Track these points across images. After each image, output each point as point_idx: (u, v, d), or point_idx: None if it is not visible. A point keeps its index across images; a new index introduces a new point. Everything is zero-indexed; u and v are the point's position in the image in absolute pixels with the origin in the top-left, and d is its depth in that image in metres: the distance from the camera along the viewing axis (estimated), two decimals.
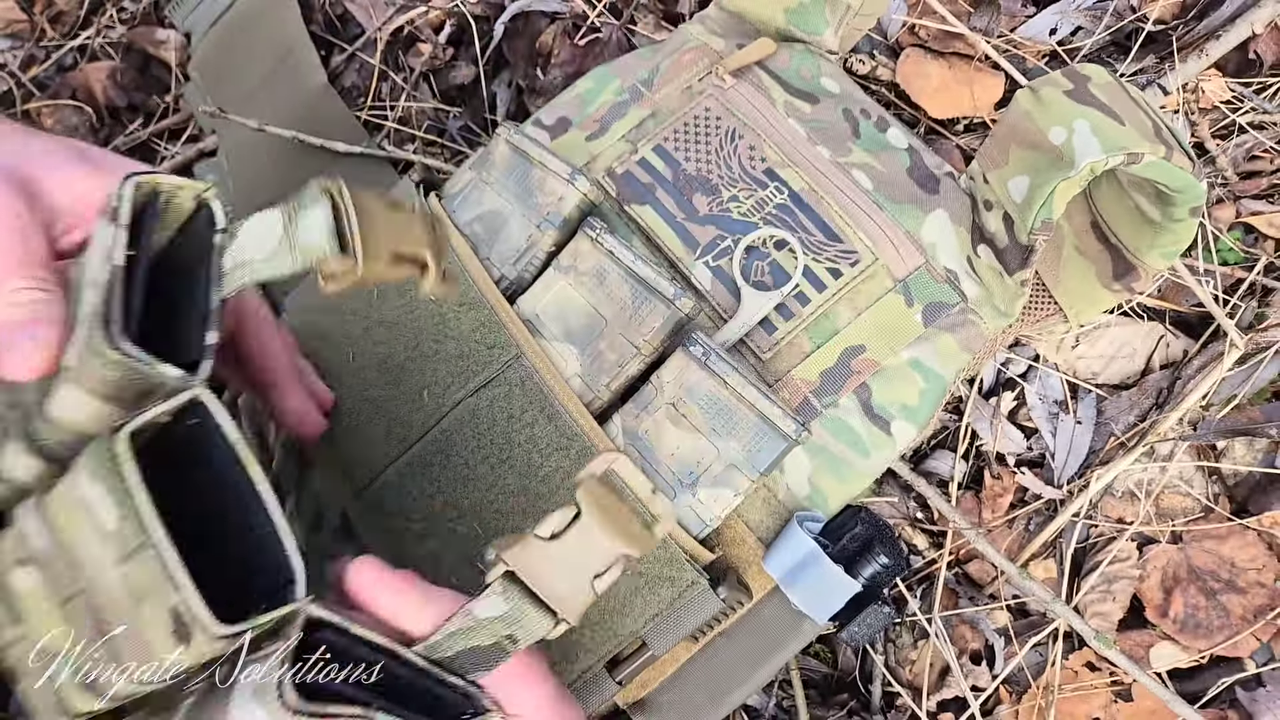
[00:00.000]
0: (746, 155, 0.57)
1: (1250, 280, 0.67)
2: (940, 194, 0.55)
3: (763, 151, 0.56)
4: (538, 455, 0.51)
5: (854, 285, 0.53)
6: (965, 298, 0.54)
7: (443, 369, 0.54)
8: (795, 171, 0.56)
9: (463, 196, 0.57)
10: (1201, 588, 0.64)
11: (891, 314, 0.53)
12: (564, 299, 0.53)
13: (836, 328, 0.53)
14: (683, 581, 0.48)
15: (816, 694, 0.67)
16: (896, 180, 0.55)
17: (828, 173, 0.56)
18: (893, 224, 0.54)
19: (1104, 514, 0.66)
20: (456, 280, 0.54)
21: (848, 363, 0.53)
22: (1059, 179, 0.47)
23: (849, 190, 0.55)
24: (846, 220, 0.54)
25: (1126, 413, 0.67)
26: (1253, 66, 0.71)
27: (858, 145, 0.56)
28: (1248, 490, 0.65)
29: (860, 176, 0.55)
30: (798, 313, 0.53)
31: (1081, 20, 0.73)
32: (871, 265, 0.53)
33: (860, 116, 0.58)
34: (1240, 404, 0.65)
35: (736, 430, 0.48)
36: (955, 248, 0.54)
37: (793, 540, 0.50)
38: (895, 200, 0.55)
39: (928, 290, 0.53)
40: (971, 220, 0.54)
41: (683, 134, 0.58)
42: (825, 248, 0.54)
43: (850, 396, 0.53)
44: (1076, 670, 0.64)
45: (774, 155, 0.56)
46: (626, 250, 0.51)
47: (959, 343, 0.54)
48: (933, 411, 0.54)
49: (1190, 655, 0.63)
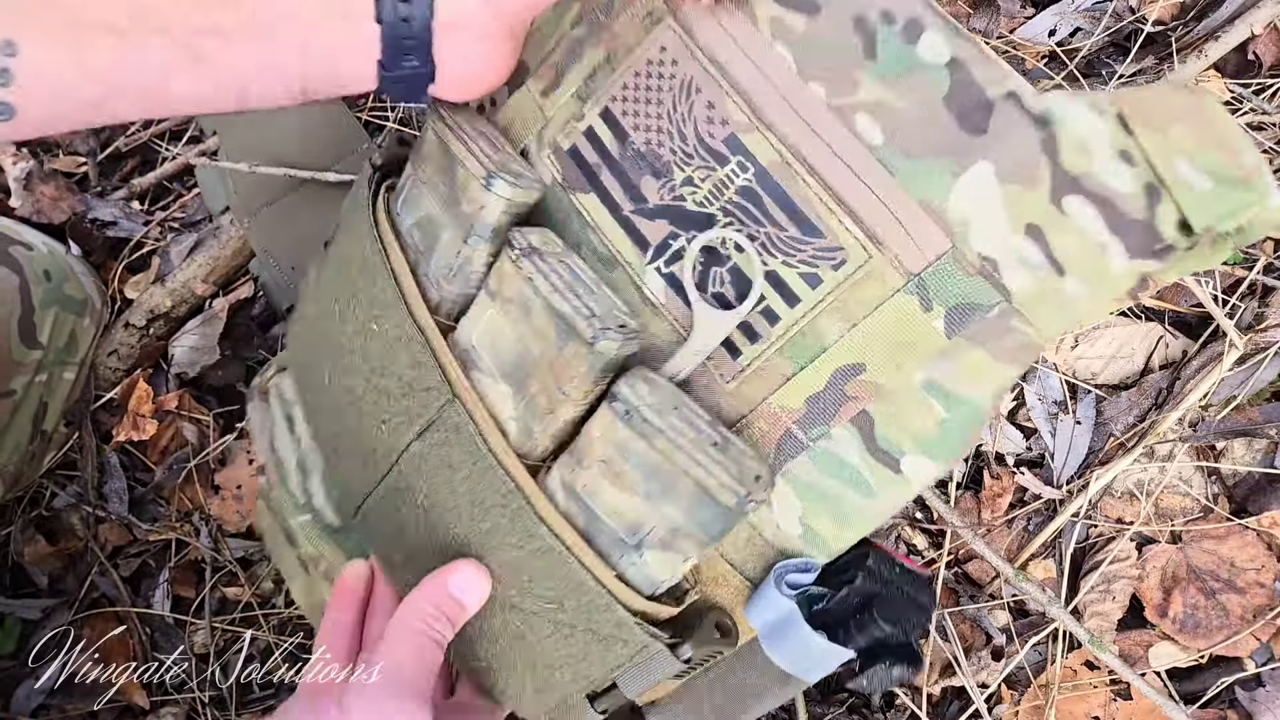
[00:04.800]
0: (704, 118, 0.44)
1: (1249, 280, 0.67)
2: (990, 133, 0.39)
3: (724, 110, 0.43)
4: (478, 509, 0.45)
5: (839, 293, 0.41)
6: (1008, 294, 0.39)
7: (393, 405, 0.48)
8: (766, 136, 0.42)
9: (404, 197, 0.49)
10: (1201, 587, 0.64)
11: (901, 323, 0.41)
12: (494, 329, 0.45)
13: (823, 345, 0.42)
14: (635, 644, 0.43)
15: (816, 691, 0.68)
16: (923, 120, 0.40)
17: (819, 127, 0.41)
18: (904, 196, 0.40)
19: (1103, 514, 0.66)
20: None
21: (840, 387, 0.42)
22: (1254, 206, 0.35)
23: (847, 151, 0.41)
24: (832, 202, 0.41)
25: (1126, 413, 0.67)
26: (1252, 67, 0.71)
27: (871, 73, 0.40)
28: (1247, 490, 0.65)
29: (865, 125, 0.41)
30: (765, 334, 0.43)
31: (1081, 21, 0.73)
32: (864, 265, 0.41)
33: (880, 23, 0.40)
34: (1240, 404, 0.65)
35: (673, 496, 0.41)
36: (1003, 220, 0.39)
37: (770, 597, 0.44)
38: (915, 155, 0.40)
39: (953, 287, 0.40)
40: (1051, 165, 0.38)
41: (632, 90, 0.46)
42: (798, 246, 0.42)
43: (846, 426, 0.43)
44: (1076, 669, 0.65)
45: (739, 114, 0.43)
46: (544, 279, 0.43)
47: (996, 356, 0.41)
48: (963, 444, 0.43)
49: (1190, 655, 0.64)
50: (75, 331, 0.69)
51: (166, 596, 0.72)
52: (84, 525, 0.73)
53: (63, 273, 0.68)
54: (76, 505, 0.73)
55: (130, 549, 0.74)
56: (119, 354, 0.74)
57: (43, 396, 0.67)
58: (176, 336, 0.76)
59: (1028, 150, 0.38)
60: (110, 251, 0.79)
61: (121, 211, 0.78)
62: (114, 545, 0.74)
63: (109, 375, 0.74)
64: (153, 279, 0.75)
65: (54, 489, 0.74)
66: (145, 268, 0.77)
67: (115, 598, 0.72)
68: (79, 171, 0.80)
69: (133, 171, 0.82)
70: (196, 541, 0.73)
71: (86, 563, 0.73)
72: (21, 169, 0.76)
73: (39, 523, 0.74)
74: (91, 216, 0.78)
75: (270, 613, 0.72)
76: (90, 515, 0.73)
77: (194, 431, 0.74)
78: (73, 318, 0.69)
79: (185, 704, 0.71)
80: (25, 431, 0.66)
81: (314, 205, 0.72)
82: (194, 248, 0.75)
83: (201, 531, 0.73)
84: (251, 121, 0.76)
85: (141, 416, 0.73)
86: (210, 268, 0.75)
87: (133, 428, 0.73)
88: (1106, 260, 0.38)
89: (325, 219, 0.71)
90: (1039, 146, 0.38)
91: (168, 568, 0.73)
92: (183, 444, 0.74)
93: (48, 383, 0.67)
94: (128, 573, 0.74)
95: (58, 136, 0.80)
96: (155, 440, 0.74)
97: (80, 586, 0.73)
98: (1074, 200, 0.37)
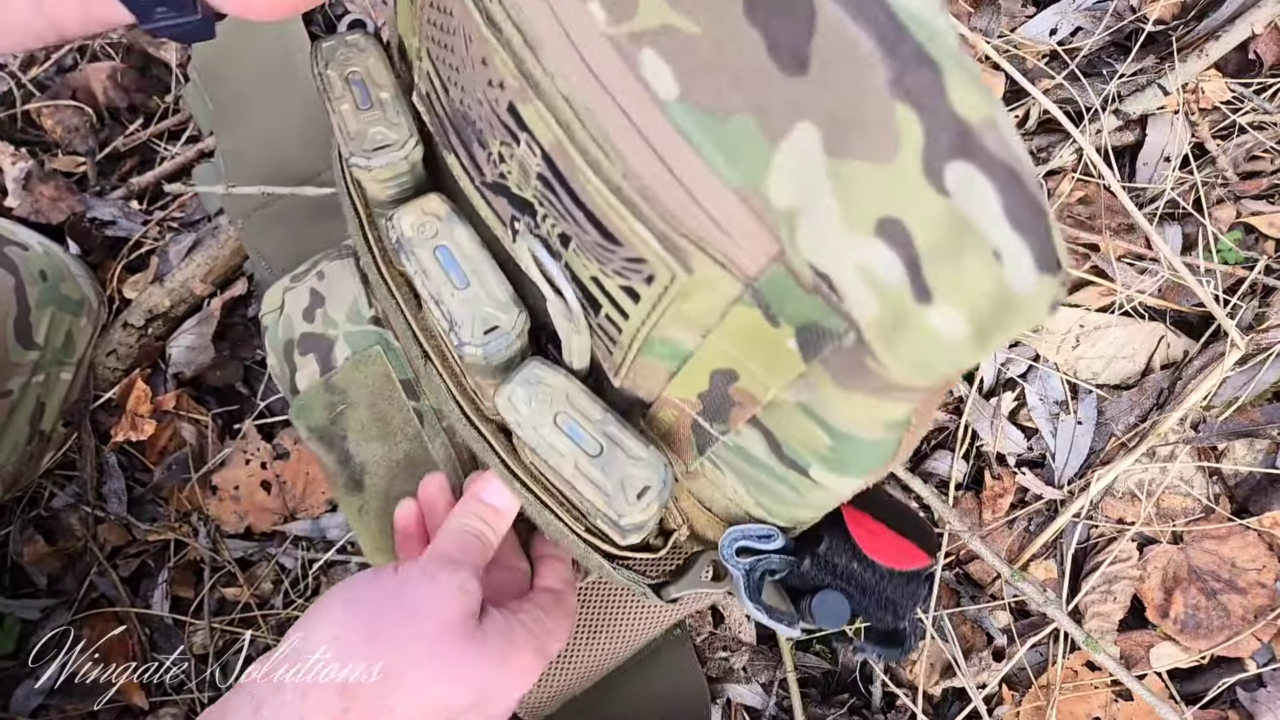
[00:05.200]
0: (484, 80, 0.34)
1: (1250, 280, 0.67)
2: (814, 69, 0.25)
3: (496, 68, 0.32)
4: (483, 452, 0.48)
5: (666, 308, 0.33)
6: (854, 324, 0.28)
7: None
8: (537, 108, 0.32)
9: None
10: (1202, 588, 0.64)
11: (753, 337, 0.32)
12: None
13: (684, 351, 0.35)
14: (620, 583, 0.44)
15: (817, 692, 0.67)
16: (722, 52, 0.27)
17: (603, 75, 0.29)
18: (713, 180, 0.28)
19: (1104, 514, 0.66)
20: None
21: (724, 389, 0.35)
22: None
23: (637, 114, 0.29)
24: (620, 205, 0.31)
25: (1127, 413, 0.67)
26: (1253, 67, 0.71)
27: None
28: (1248, 491, 0.65)
29: (654, 68, 0.28)
30: (618, 339, 0.37)
31: (1082, 20, 0.73)
32: (674, 283, 0.31)
33: None
34: (1241, 405, 0.65)
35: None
36: (835, 216, 0.26)
37: (725, 558, 0.42)
38: (717, 112, 0.27)
39: (793, 303, 0.29)
40: (922, 116, 0.24)
41: (432, 30, 0.37)
42: (605, 254, 0.33)
43: (747, 428, 0.36)
44: (1077, 669, 0.64)
45: (512, 77, 0.32)
46: (418, 279, 0.40)
47: (867, 392, 0.30)
48: (873, 467, 0.35)
49: (1191, 655, 0.63)
50: (72, 332, 0.69)
51: (165, 597, 0.72)
52: (83, 525, 0.73)
53: (59, 273, 0.68)
54: (75, 505, 0.73)
55: (129, 549, 0.74)
56: (117, 354, 0.74)
57: (40, 397, 0.67)
58: (174, 336, 0.76)
59: (876, 98, 0.24)
60: (109, 251, 0.78)
61: (120, 211, 0.78)
62: (113, 545, 0.74)
63: (108, 375, 0.74)
64: (151, 279, 0.75)
65: (53, 489, 0.74)
66: (144, 267, 0.77)
67: (114, 598, 0.72)
68: (78, 171, 0.80)
69: (131, 171, 0.81)
70: (195, 542, 0.73)
71: (85, 563, 0.73)
72: (21, 169, 0.76)
73: (38, 523, 0.74)
74: (90, 216, 0.78)
75: (269, 613, 0.72)
76: (89, 515, 0.73)
77: (193, 432, 0.74)
78: (69, 318, 0.68)
79: (184, 704, 0.71)
80: (23, 432, 0.66)
81: (308, 208, 0.72)
82: (192, 247, 0.75)
83: (200, 532, 0.73)
84: (250, 121, 0.76)
85: (140, 416, 0.73)
86: (209, 267, 0.75)
87: (131, 428, 0.72)
88: (1001, 274, 0.24)
89: (319, 222, 0.71)
90: (893, 89, 0.23)
91: (166, 568, 0.73)
92: (181, 444, 0.74)
93: (45, 383, 0.67)
94: (127, 573, 0.73)
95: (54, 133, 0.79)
96: (154, 440, 0.74)
97: (79, 587, 0.72)
98: (962, 170, 0.23)
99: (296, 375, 0.58)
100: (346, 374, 0.57)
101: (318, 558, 0.72)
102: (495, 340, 0.39)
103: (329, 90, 0.42)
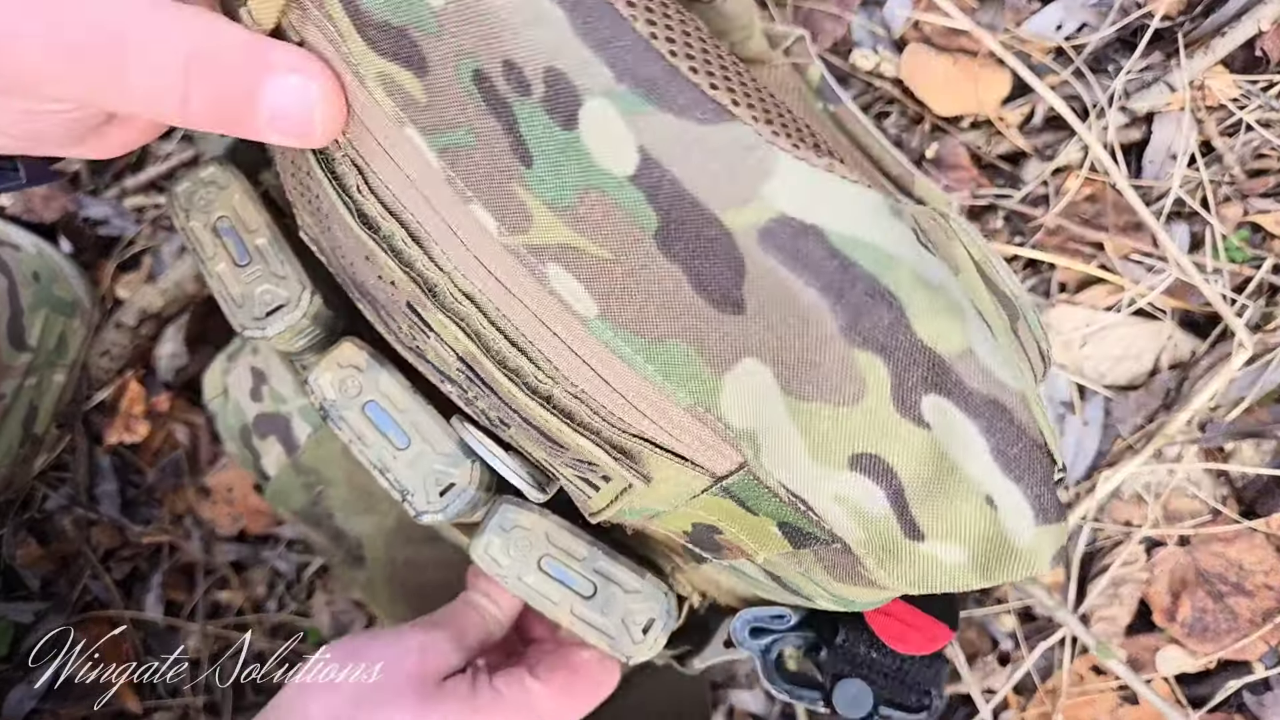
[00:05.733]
0: (373, 274, 0.29)
1: (1258, 279, 0.66)
2: (749, 315, 0.22)
3: (382, 268, 0.28)
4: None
5: (630, 499, 0.30)
6: (840, 541, 0.26)
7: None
8: (441, 320, 0.28)
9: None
10: (1209, 591, 0.63)
11: (730, 516, 0.29)
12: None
13: (658, 511, 0.31)
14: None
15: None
16: (638, 280, 0.23)
17: (507, 282, 0.26)
18: (658, 397, 0.25)
19: (1111, 517, 0.65)
20: None
21: (711, 536, 0.31)
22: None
23: (559, 328, 0.25)
24: (552, 417, 0.27)
25: (1134, 414, 0.66)
26: (1260, 63, 0.70)
27: (534, 195, 0.23)
28: (1256, 492, 0.64)
29: (564, 283, 0.24)
30: (584, 502, 0.33)
31: (1087, 16, 0.72)
32: (631, 489, 0.28)
33: (509, 88, 0.22)
34: (1249, 405, 0.64)
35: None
36: (799, 452, 0.24)
37: (739, 640, 0.40)
38: (648, 335, 0.24)
39: (770, 508, 0.27)
40: (887, 355, 0.22)
41: (305, 200, 0.32)
42: (552, 449, 0.30)
43: (744, 562, 0.33)
44: (1083, 674, 0.64)
45: (402, 281, 0.28)
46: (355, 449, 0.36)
47: (864, 587, 0.28)
48: (876, 605, 0.33)
49: (1198, 659, 0.63)
50: (65, 333, 0.68)
51: (159, 600, 0.72)
52: (76, 528, 0.72)
53: (52, 274, 0.67)
54: (69, 508, 0.72)
55: (123, 552, 0.73)
56: (110, 354, 0.73)
57: (33, 400, 0.66)
58: (159, 344, 0.75)
59: (830, 345, 0.22)
60: (102, 251, 0.78)
61: (113, 210, 0.77)
62: (106, 548, 0.73)
63: (100, 376, 0.73)
64: (144, 278, 0.74)
65: (46, 491, 0.73)
66: (137, 267, 0.76)
67: (108, 601, 0.72)
68: (70, 170, 0.79)
69: (124, 170, 0.81)
70: (188, 545, 0.72)
71: (79, 566, 0.72)
72: None
73: (31, 525, 0.73)
74: (83, 215, 0.77)
75: (263, 617, 0.71)
76: (82, 518, 0.72)
77: (186, 434, 0.73)
78: (62, 319, 0.68)
79: (179, 709, 0.70)
80: (15, 435, 0.65)
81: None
82: (186, 247, 0.74)
83: (193, 535, 0.72)
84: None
85: (134, 418, 0.72)
86: None
87: (125, 429, 0.72)
88: (997, 520, 0.22)
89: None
90: (849, 336, 0.21)
91: (160, 571, 0.72)
92: (175, 446, 0.73)
93: (38, 386, 0.66)
94: (120, 576, 0.73)
95: None
96: (148, 442, 0.73)
97: (72, 590, 0.72)
98: (938, 404, 0.22)
99: (262, 460, 0.55)
100: (312, 452, 0.53)
101: (311, 561, 0.71)
102: (454, 500, 0.35)
103: (200, 250, 0.36)
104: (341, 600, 0.71)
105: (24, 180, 0.34)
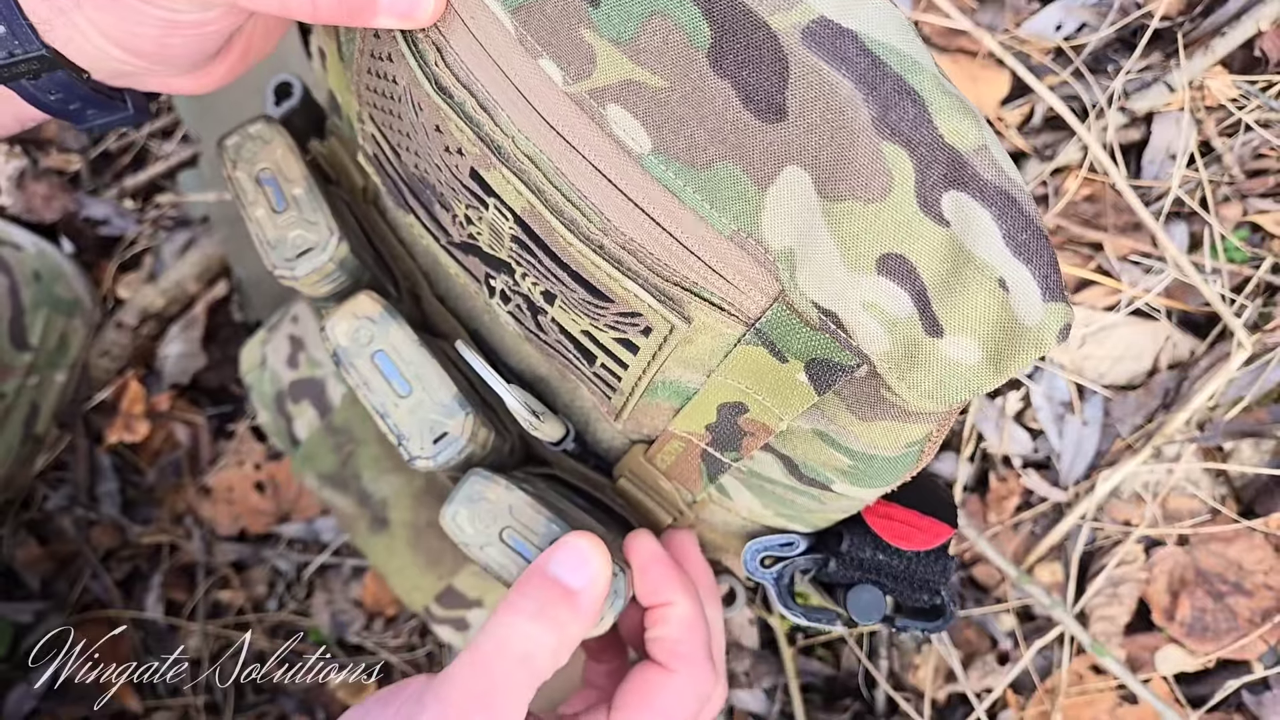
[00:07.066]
0: (440, 146, 0.32)
1: (1257, 279, 0.66)
2: (790, 120, 0.25)
3: (452, 135, 0.31)
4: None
5: (667, 354, 0.32)
6: (867, 359, 0.28)
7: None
8: (505, 175, 0.30)
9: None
10: (1208, 590, 0.63)
11: (760, 373, 0.31)
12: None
13: (688, 389, 0.34)
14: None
15: (819, 698, 0.67)
16: (693, 102, 0.26)
17: (567, 131, 0.28)
18: (702, 227, 0.27)
19: (1110, 516, 0.65)
20: None
21: (733, 421, 0.34)
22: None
23: (611, 168, 0.28)
24: (605, 264, 0.30)
25: (1133, 414, 0.66)
26: (1259, 64, 0.70)
27: (599, 32, 0.26)
28: (1254, 492, 0.64)
29: (622, 121, 0.27)
30: (618, 386, 0.35)
31: (1087, 16, 0.72)
32: (673, 333, 0.30)
33: None
34: (1248, 405, 0.64)
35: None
36: (834, 256, 0.26)
37: (751, 569, 0.41)
38: (698, 163, 0.26)
39: (800, 341, 0.29)
40: (912, 150, 0.24)
41: (372, 94, 0.35)
42: (596, 310, 0.32)
43: (762, 453, 0.35)
44: (1082, 673, 0.64)
45: (470, 144, 0.30)
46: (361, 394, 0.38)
47: (885, 418, 0.30)
48: (897, 477, 0.34)
49: (1197, 659, 0.63)
50: (66, 333, 0.68)
51: (159, 600, 0.72)
52: (76, 528, 0.72)
53: (52, 274, 0.67)
54: (69, 508, 0.72)
55: (123, 552, 0.74)
56: (111, 354, 0.73)
57: (34, 399, 0.66)
58: (163, 343, 0.75)
59: (862, 138, 0.24)
60: (102, 250, 0.78)
61: (114, 210, 0.77)
62: (106, 548, 0.73)
63: (101, 375, 0.73)
64: (145, 278, 0.74)
65: (46, 491, 0.73)
66: (137, 267, 0.76)
67: (108, 601, 0.72)
68: (71, 170, 0.79)
69: (125, 170, 0.81)
70: (189, 545, 0.72)
71: (79, 566, 0.72)
72: (14, 167, 0.75)
73: (31, 525, 0.73)
74: (84, 215, 0.77)
75: (263, 616, 0.71)
76: (83, 518, 0.72)
77: (186, 433, 0.73)
78: (63, 319, 0.68)
79: (179, 709, 0.70)
80: (16, 434, 0.65)
81: None
82: (186, 246, 0.74)
83: (194, 535, 0.72)
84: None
85: (134, 417, 0.72)
86: (203, 266, 0.74)
87: (125, 429, 0.72)
88: (1008, 302, 0.24)
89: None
90: (879, 127, 0.23)
91: (160, 571, 0.72)
92: (175, 446, 0.73)
93: (39, 385, 0.66)
94: (120, 576, 0.73)
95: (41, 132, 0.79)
96: (148, 442, 0.73)
97: (72, 590, 0.72)
98: (958, 199, 0.24)
99: (294, 425, 0.56)
100: (345, 412, 0.54)
101: (311, 560, 0.71)
102: (445, 449, 0.37)
103: (242, 195, 0.40)
104: (341, 600, 0.71)
105: (130, 112, 0.36)
